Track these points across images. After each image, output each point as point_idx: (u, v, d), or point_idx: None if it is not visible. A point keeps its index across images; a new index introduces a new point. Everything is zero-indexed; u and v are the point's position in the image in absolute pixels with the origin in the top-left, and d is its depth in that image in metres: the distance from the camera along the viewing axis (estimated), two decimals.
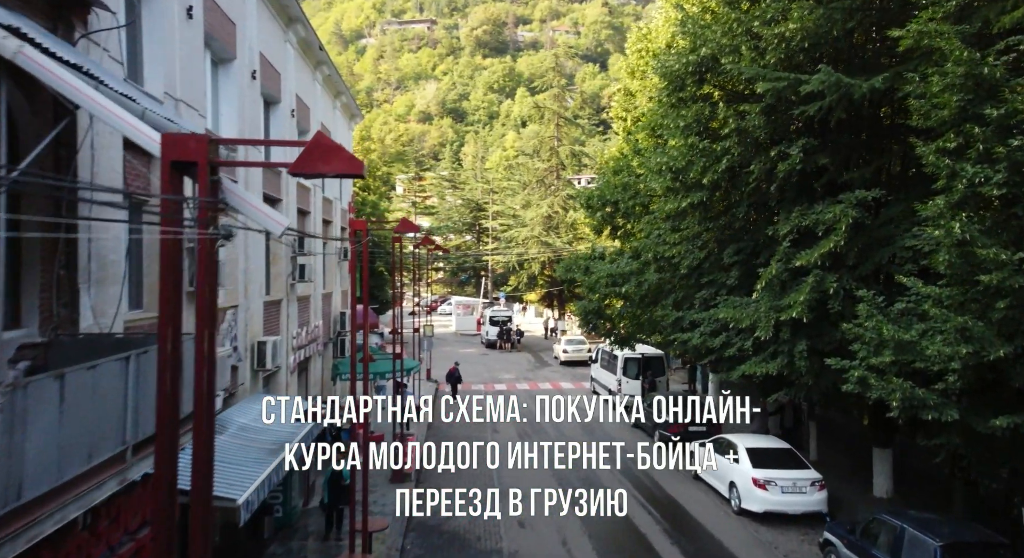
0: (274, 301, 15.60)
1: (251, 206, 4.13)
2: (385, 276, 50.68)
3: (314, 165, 3.94)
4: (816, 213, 12.80)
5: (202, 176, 3.79)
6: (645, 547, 14.28)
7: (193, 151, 3.76)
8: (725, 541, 14.21)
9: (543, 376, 34.72)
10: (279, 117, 16.28)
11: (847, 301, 12.33)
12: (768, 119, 13.68)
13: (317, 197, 20.14)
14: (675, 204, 15.39)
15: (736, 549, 13.81)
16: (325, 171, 3.96)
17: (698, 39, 15.19)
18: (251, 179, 13.59)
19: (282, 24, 16.24)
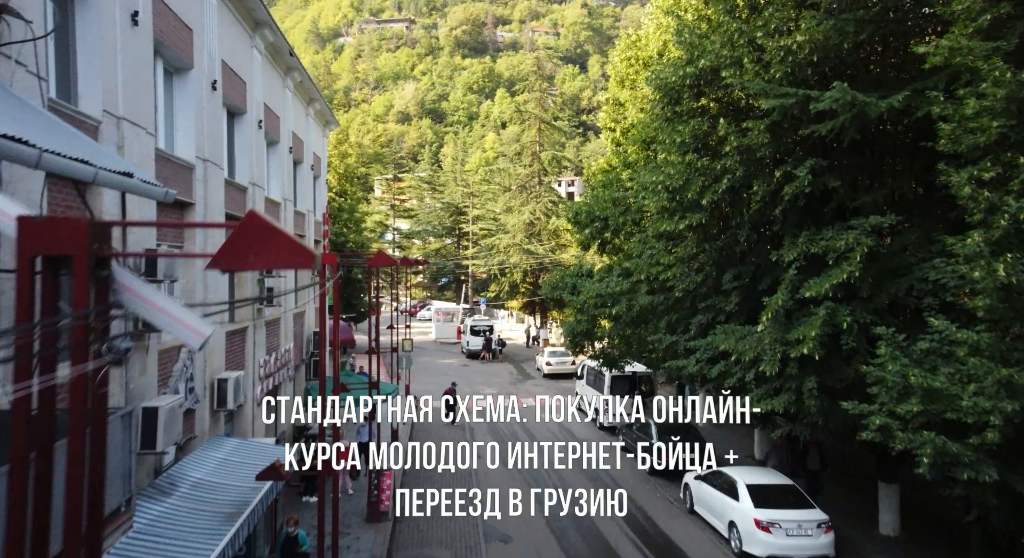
0: (238, 330, 14.36)
1: (160, 311, 2.96)
2: (362, 284, 49.36)
3: (243, 257, 2.82)
4: (826, 240, 11.88)
5: (79, 277, 2.62)
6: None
7: (67, 241, 2.60)
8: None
9: (526, 390, 33.66)
10: (245, 129, 15.04)
11: (862, 336, 11.41)
12: (773, 137, 12.74)
13: (288, 212, 18.89)
14: (671, 225, 14.40)
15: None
16: (258, 264, 2.84)
17: (695, 50, 14.21)
18: (211, 197, 12.36)
19: (248, 29, 15.00)
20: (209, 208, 12.28)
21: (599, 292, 18.55)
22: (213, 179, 12.47)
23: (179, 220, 11.02)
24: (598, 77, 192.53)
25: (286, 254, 2.79)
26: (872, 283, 11.52)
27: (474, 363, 43.13)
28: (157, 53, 10.68)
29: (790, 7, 13.32)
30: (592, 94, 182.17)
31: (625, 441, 22.00)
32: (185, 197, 11.38)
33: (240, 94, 14.65)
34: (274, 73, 17.68)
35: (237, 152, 14.92)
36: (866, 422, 10.04)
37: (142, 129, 9.40)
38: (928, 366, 9.63)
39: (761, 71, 12.91)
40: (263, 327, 16.00)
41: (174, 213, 11.26)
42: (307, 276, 21.91)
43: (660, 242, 16.51)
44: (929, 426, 9.07)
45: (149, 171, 9.60)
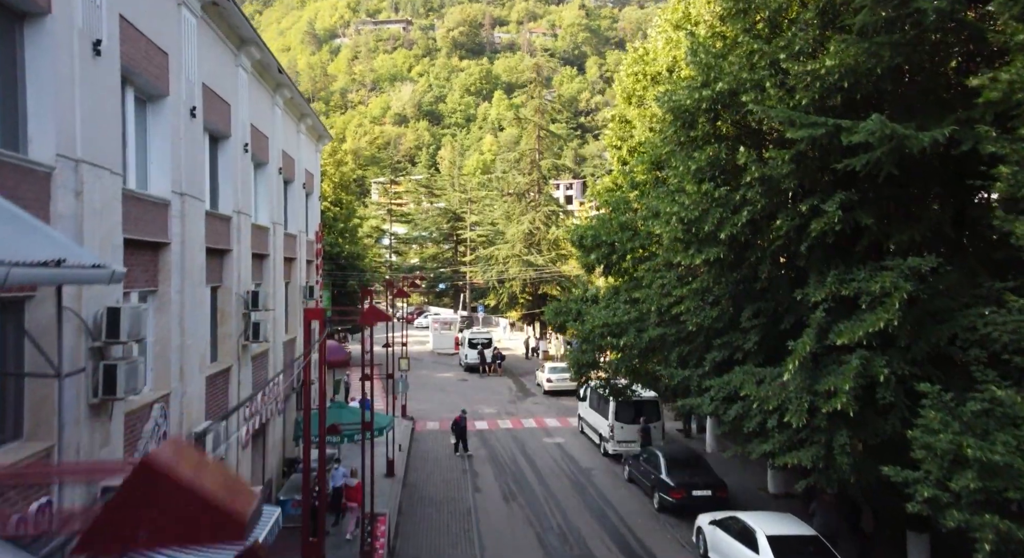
0: (221, 371, 13.37)
1: None
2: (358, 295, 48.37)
3: (126, 535, 1.79)
4: (858, 281, 10.94)
5: None
6: None
7: None
8: None
9: (526, 409, 32.66)
10: (229, 154, 14.04)
11: (899, 388, 10.47)
12: (798, 167, 11.79)
13: (277, 236, 17.90)
14: (686, 259, 13.44)
15: None
16: (153, 543, 1.82)
17: (712, 71, 13.25)
18: (189, 233, 11.37)
19: (232, 47, 14.01)
20: (187, 245, 11.29)
21: (606, 321, 17.57)
22: (192, 213, 11.48)
23: (38, 467, 7.64)
24: (596, 79, 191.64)
25: (201, 526, 1.79)
26: (911, 330, 10.57)
27: (472, 377, 42.14)
28: (127, 81, 9.70)
29: (815, 27, 12.39)
30: (590, 96, 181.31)
31: (631, 471, 21.04)
32: (158, 237, 10.40)
33: (223, 117, 13.66)
34: (262, 91, 16.69)
35: (221, 179, 13.93)
36: (912, 491, 9.08)
37: (105, 170, 8.40)
38: (980, 430, 8.68)
39: (785, 96, 11.96)
40: (249, 363, 15.01)
41: (147, 254, 10.27)
42: (299, 299, 20.94)
43: (671, 272, 15.56)
44: (988, 504, 8.12)
45: (113, 216, 8.62)
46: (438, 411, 32.28)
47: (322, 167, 45.90)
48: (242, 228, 14.56)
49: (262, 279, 16.97)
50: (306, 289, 21.21)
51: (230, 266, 13.99)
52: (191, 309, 11.39)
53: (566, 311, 19.86)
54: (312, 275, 23.39)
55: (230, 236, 13.99)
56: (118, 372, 7.93)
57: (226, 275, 13.95)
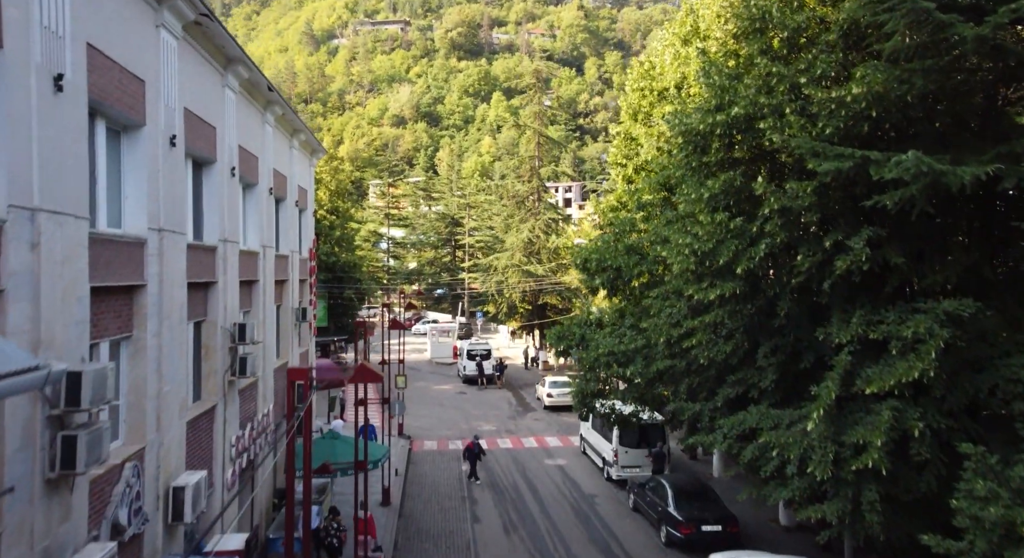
0: (204, 411, 12.57)
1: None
2: (355, 304, 47.59)
3: None
4: (888, 324, 10.18)
5: None
6: None
7: None
8: None
9: (526, 427, 31.87)
10: (215, 179, 13.24)
11: (934, 441, 9.70)
12: (821, 199, 11.03)
13: (267, 259, 17.09)
14: (699, 294, 12.67)
15: None
16: None
17: (726, 94, 12.48)
18: (168, 271, 10.59)
19: (218, 67, 13.21)
20: (166, 284, 10.49)
21: (611, 349, 16.79)
22: (171, 249, 10.68)
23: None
24: (595, 80, 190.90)
25: None
26: (946, 380, 9.81)
27: (471, 390, 41.36)
28: (96, 114, 8.90)
29: (839, 50, 11.61)
30: (589, 98, 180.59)
31: (636, 500, 20.26)
32: (133, 279, 9.60)
33: (208, 142, 12.85)
34: (251, 110, 15.89)
35: (206, 207, 13.12)
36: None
37: (68, 216, 7.61)
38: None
39: (807, 124, 11.19)
40: (236, 398, 14.21)
41: (120, 299, 9.48)
42: (291, 322, 20.15)
43: (681, 301, 14.78)
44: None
45: (78, 265, 7.83)
46: (436, 428, 31.52)
47: (317, 175, 45.13)
48: (229, 257, 13.76)
49: (251, 305, 16.18)
50: (298, 311, 20.40)
51: (215, 298, 13.19)
52: (170, 352, 10.59)
53: (569, 336, 19.07)
54: (306, 295, 22.58)
55: (215, 267, 13.19)
56: (78, 443, 7.14)
57: (211, 308, 13.15)
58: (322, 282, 43.64)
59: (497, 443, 28.73)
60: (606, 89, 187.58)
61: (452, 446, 28.24)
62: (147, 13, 10.00)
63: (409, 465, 25.34)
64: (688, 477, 20.30)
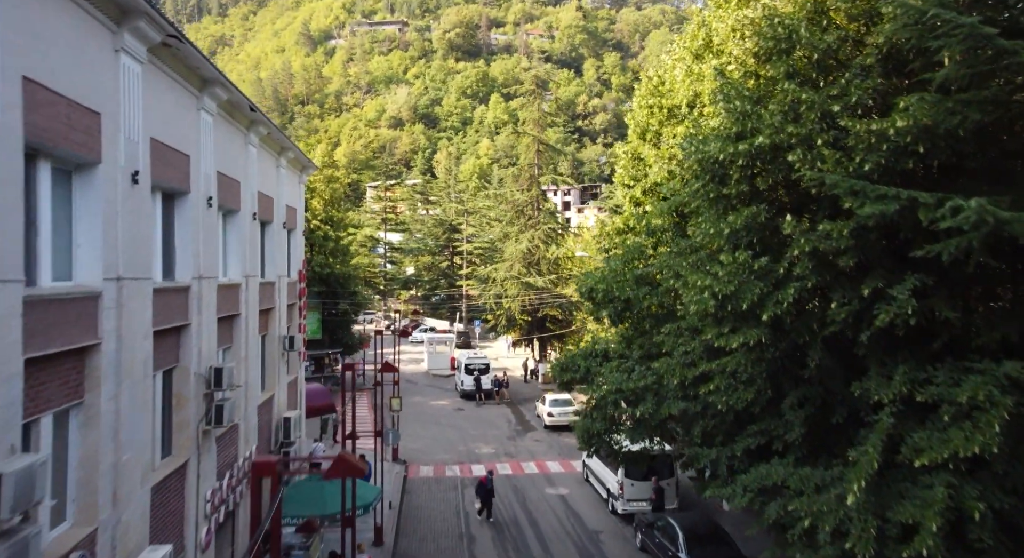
0: (175, 470, 11.43)
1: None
2: (350, 316, 46.45)
3: None
4: (937, 384, 9.07)
5: None
6: None
7: None
8: None
9: (526, 449, 30.71)
10: (189, 211, 12.09)
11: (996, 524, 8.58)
12: (858, 240, 9.91)
13: (251, 289, 15.96)
14: (720, 340, 11.55)
15: None
16: None
17: (748, 120, 11.37)
18: (128, 325, 9.46)
19: (192, 90, 12.05)
20: (126, 339, 9.35)
21: (619, 385, 15.67)
22: (133, 299, 9.55)
23: None
24: (593, 81, 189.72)
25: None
26: (1009, 453, 8.69)
27: (469, 406, 40.20)
28: (39, 155, 7.76)
29: (875, 75, 10.48)
30: (588, 99, 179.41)
31: (644, 540, 19.14)
32: (84, 339, 8.45)
33: (180, 172, 11.71)
34: (232, 133, 14.74)
35: (178, 243, 11.97)
36: None
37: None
38: None
39: (843, 159, 10.07)
40: (212, 448, 13.06)
41: (68, 363, 8.33)
42: (278, 351, 19.00)
43: (697, 340, 13.65)
44: None
45: (8, 337, 6.70)
46: (433, 451, 30.37)
47: (311, 184, 43.99)
48: (204, 295, 12.62)
49: (232, 341, 15.04)
50: (286, 340, 19.25)
51: (188, 342, 12.04)
52: (131, 414, 9.46)
53: (573, 368, 17.94)
54: (295, 320, 21.43)
55: (189, 308, 12.04)
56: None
57: (184, 353, 12.01)
58: (316, 294, 42.52)
59: (497, 468, 27.54)
60: (605, 91, 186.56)
61: (449, 472, 27.07)
62: (103, 37, 8.86)
63: (404, 495, 24.18)
64: (699, 516, 19.17)
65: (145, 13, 9.28)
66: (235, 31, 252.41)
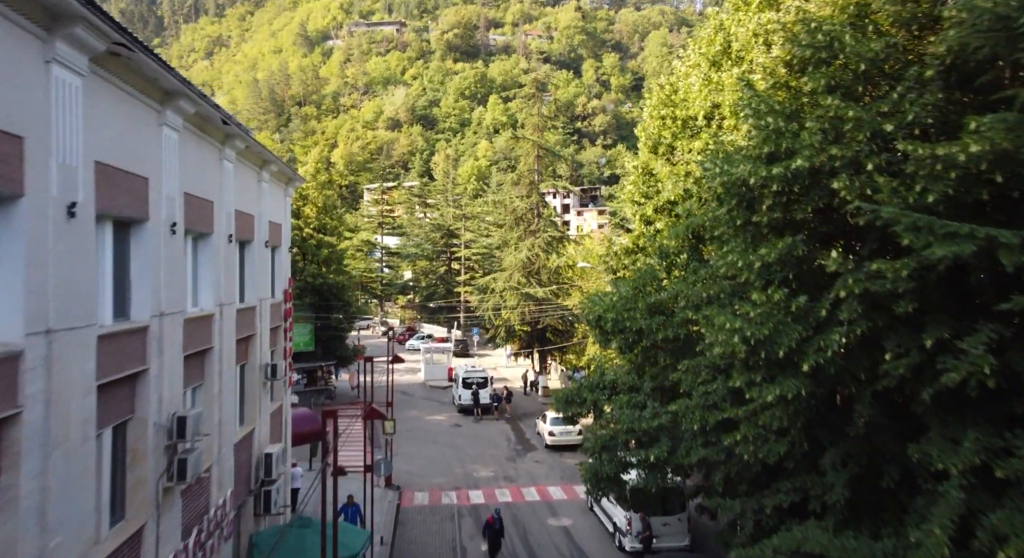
0: (126, 539, 9.98)
1: None
2: (344, 325, 44.97)
3: None
4: (1020, 456, 7.66)
5: None
6: None
7: None
8: None
9: (527, 472, 29.25)
10: (147, 241, 10.64)
11: None
12: (920, 283, 8.50)
13: (226, 319, 14.53)
14: (751, 391, 10.13)
15: None
16: None
17: (782, 139, 9.96)
18: (62, 379, 8.03)
19: (152, 104, 10.60)
20: (56, 402, 7.91)
21: (630, 424, 14.27)
22: (69, 353, 8.12)
23: None
24: (592, 82, 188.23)
25: None
26: None
27: (467, 421, 38.76)
28: None
29: (934, 89, 9.07)
30: (587, 100, 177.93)
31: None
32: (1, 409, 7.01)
33: (136, 197, 10.27)
34: (204, 148, 13.31)
35: (134, 278, 10.53)
36: None
37: None
38: None
39: (900, 187, 8.66)
40: (176, 504, 11.62)
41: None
42: (259, 380, 17.56)
43: (720, 380, 12.24)
44: None
45: None
46: (428, 473, 28.92)
47: (304, 191, 42.55)
48: (166, 334, 11.18)
49: (204, 377, 13.61)
50: (268, 368, 17.80)
51: (146, 390, 10.60)
52: (63, 489, 8.02)
53: (579, 401, 16.52)
54: (279, 343, 19.98)
55: (147, 351, 10.60)
56: None
57: (140, 403, 10.57)
58: (309, 305, 41.10)
59: (495, 495, 26.12)
60: (604, 92, 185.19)
61: (446, 499, 25.62)
62: (27, 47, 7.42)
63: (397, 527, 22.75)
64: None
65: (82, 18, 7.84)
66: (232, 32, 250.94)
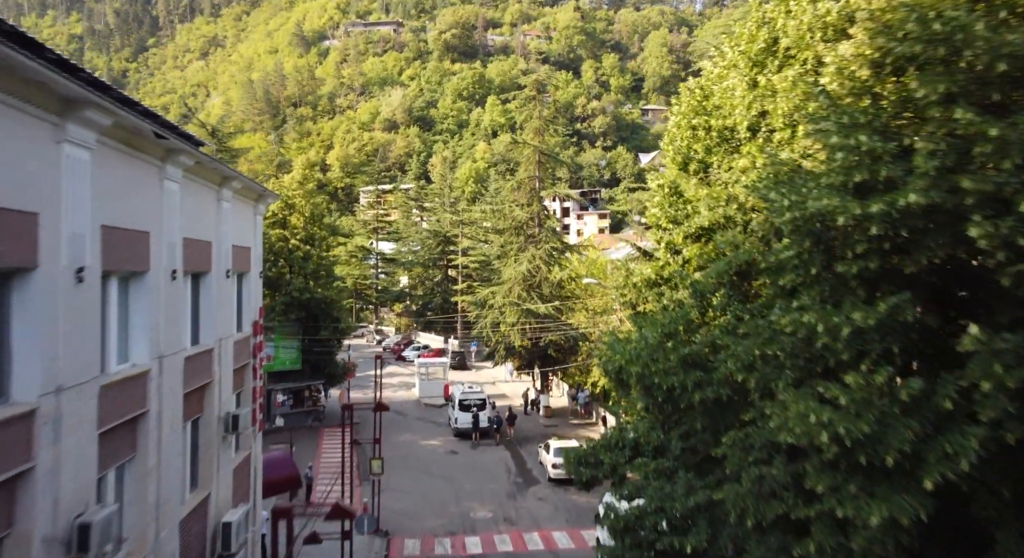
0: None
1: None
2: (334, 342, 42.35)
3: None
4: None
5: None
6: None
7: None
8: None
9: (528, 512, 26.67)
10: (39, 292, 8.05)
11: None
12: None
13: (169, 372, 11.95)
14: (847, 508, 7.55)
15: None
16: None
17: (881, 165, 7.41)
18: None
19: (46, 116, 7.94)
20: None
21: (660, 502, 11.69)
22: None
23: None
24: (592, 83, 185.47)
25: None
26: None
27: (463, 447, 36.17)
28: None
29: None
30: (586, 101, 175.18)
31: None
32: None
33: (22, 239, 7.67)
34: (136, 168, 10.73)
35: (17, 346, 7.94)
36: None
37: None
38: None
39: None
40: None
41: None
42: (217, 436, 14.98)
43: (779, 460, 9.67)
44: None
45: None
46: (421, 513, 26.33)
47: (290, 198, 39.98)
48: (68, 413, 8.60)
49: (135, 450, 11.03)
50: (229, 419, 15.20)
51: (29, 494, 8.00)
52: None
53: (594, 464, 13.95)
54: (248, 382, 17.39)
55: (32, 444, 8.01)
56: None
57: (21, 513, 7.97)
58: (295, 320, 38.55)
59: (495, 542, 23.55)
60: (604, 92, 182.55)
61: (439, 549, 23.03)
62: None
63: None
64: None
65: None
66: (228, 32, 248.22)
